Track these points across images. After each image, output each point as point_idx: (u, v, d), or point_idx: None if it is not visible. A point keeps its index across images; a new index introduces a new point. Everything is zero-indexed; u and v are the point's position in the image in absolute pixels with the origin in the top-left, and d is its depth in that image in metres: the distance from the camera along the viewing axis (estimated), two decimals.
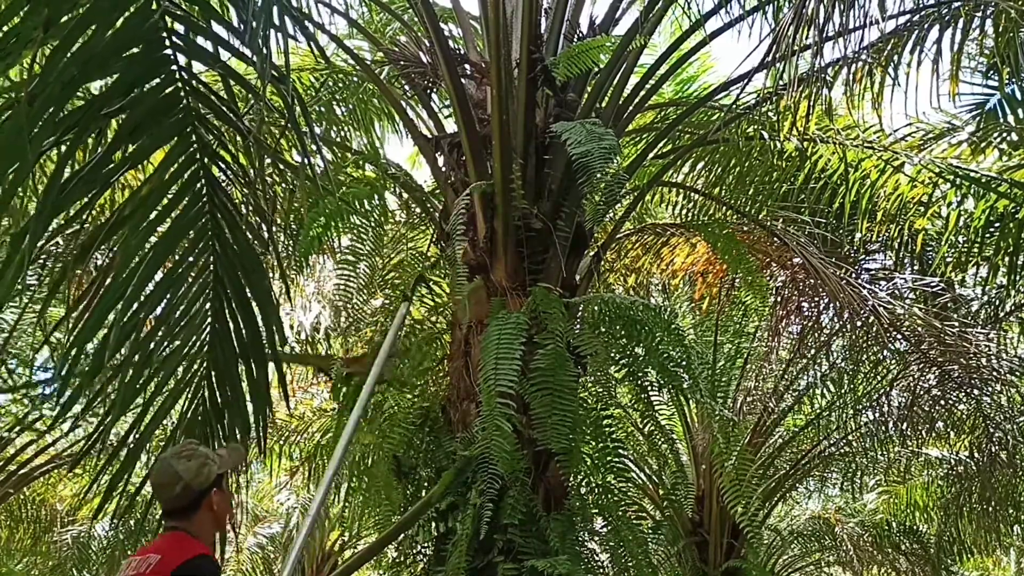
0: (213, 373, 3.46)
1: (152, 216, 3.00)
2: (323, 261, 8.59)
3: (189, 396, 3.53)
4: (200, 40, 2.79)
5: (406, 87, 5.88)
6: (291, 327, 8.82)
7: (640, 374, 4.49)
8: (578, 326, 4.51)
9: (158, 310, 3.18)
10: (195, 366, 3.46)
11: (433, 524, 4.33)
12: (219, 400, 3.52)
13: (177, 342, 3.32)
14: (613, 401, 4.45)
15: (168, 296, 3.18)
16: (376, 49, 6.35)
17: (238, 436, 3.60)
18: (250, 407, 3.58)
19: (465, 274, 4.39)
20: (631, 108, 5.28)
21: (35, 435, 8.34)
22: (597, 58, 4.73)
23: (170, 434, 3.74)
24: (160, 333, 3.22)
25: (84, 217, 2.97)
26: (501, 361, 3.90)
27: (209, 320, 3.33)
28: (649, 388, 4.53)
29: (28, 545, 10.71)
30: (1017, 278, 6.15)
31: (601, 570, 4.24)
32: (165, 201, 3.03)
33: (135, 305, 3.04)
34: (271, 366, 3.61)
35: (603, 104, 5.05)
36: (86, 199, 2.87)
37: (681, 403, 7.99)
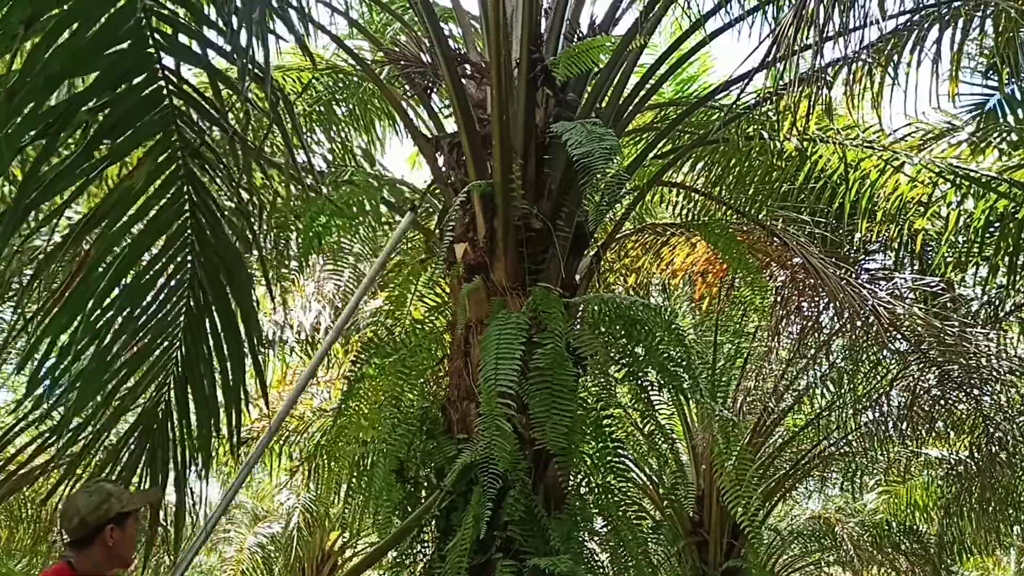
0: (183, 373, 3.42)
1: (131, 213, 2.98)
2: (323, 261, 8.59)
3: (153, 395, 3.49)
4: (184, 38, 2.78)
5: (406, 87, 5.88)
6: (291, 327, 8.81)
7: (640, 374, 4.49)
8: (578, 326, 4.51)
9: (127, 309, 3.15)
10: (161, 365, 3.41)
11: (434, 523, 4.33)
12: (189, 400, 3.47)
13: (142, 341, 3.28)
14: (613, 401, 4.45)
15: (139, 295, 3.14)
16: (376, 49, 6.35)
17: (210, 433, 3.55)
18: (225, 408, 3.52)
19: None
20: (631, 108, 5.28)
21: (35, 434, 8.31)
22: (597, 58, 4.74)
23: (122, 438, 3.68)
24: (127, 332, 3.17)
25: (62, 212, 2.96)
26: (501, 361, 3.90)
27: (182, 319, 3.30)
28: (649, 388, 4.53)
29: (28, 545, 10.70)
30: (1017, 278, 6.15)
31: (601, 570, 4.24)
32: (143, 199, 3.01)
33: (106, 302, 3.02)
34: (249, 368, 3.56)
35: (603, 104, 5.05)
36: (66, 195, 2.86)
37: (681, 403, 7.99)
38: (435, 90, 5.49)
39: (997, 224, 5.99)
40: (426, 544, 4.40)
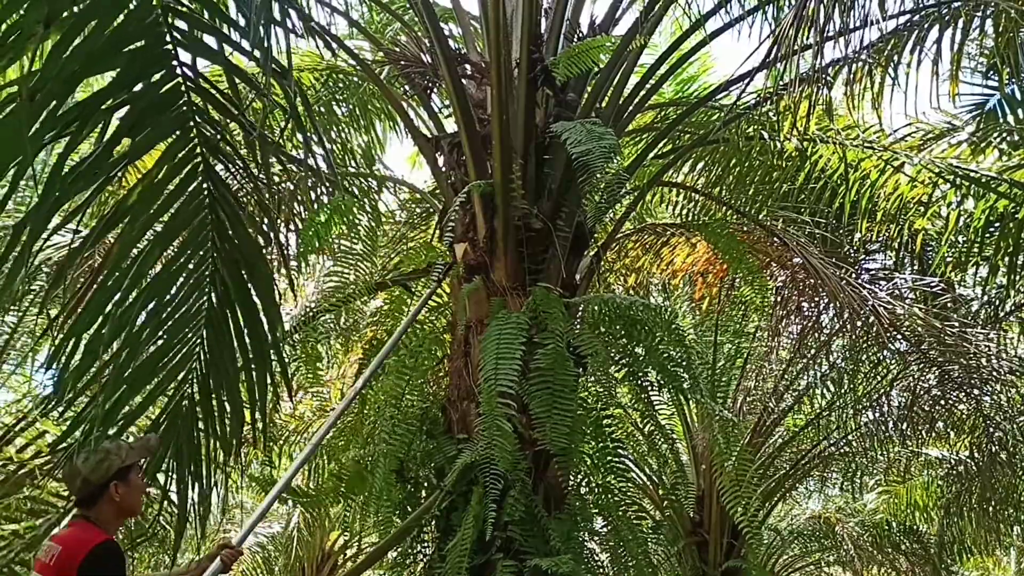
0: (206, 369, 3.42)
1: (151, 210, 2.99)
2: (323, 261, 8.58)
3: (175, 391, 3.48)
4: (202, 36, 2.78)
5: (406, 87, 5.88)
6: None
7: (640, 374, 4.50)
8: (578, 326, 4.51)
9: (152, 304, 3.15)
10: (186, 361, 3.41)
11: (434, 523, 4.33)
12: (211, 396, 3.47)
13: (167, 336, 3.27)
14: (613, 401, 4.45)
15: (161, 290, 3.15)
16: (377, 49, 6.35)
17: (235, 430, 3.55)
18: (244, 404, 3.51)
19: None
20: (631, 108, 5.28)
21: (36, 434, 8.31)
22: (597, 58, 4.74)
23: (153, 428, 3.66)
24: (150, 328, 3.17)
25: (84, 212, 2.96)
26: (501, 361, 3.90)
27: (204, 314, 3.30)
28: (649, 388, 4.53)
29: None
30: (1017, 278, 6.15)
31: (601, 570, 4.24)
32: (164, 196, 3.02)
33: (130, 299, 3.02)
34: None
35: (603, 104, 5.05)
36: (87, 194, 2.86)
37: (681, 403, 7.99)
38: (435, 90, 5.50)
39: (997, 224, 5.99)
40: (426, 544, 4.40)
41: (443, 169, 5.05)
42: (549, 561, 3.81)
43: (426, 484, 4.42)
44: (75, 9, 2.47)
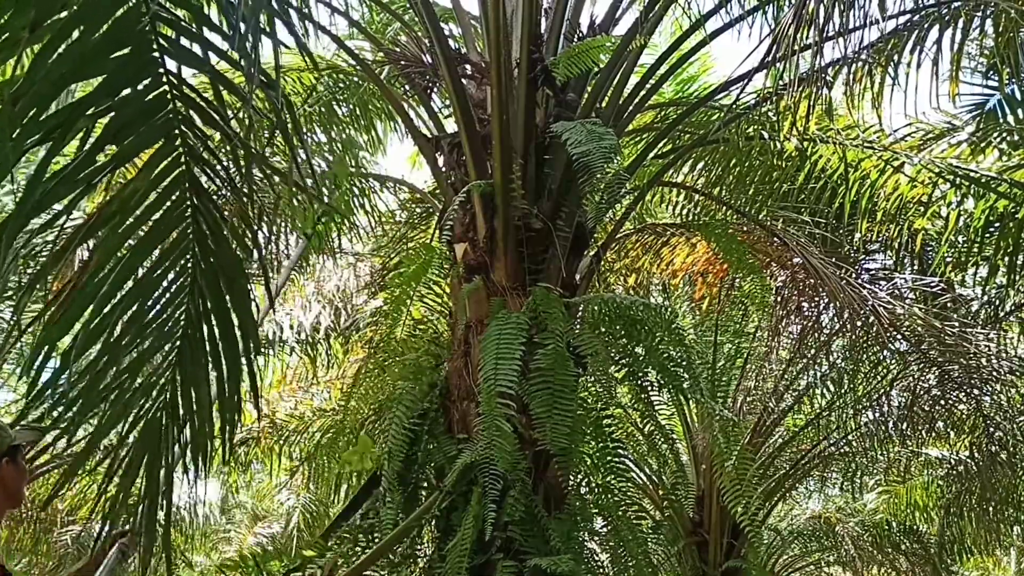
0: (180, 379, 3.38)
1: (133, 218, 2.97)
2: (322, 261, 8.59)
3: (150, 400, 3.45)
4: (189, 44, 2.77)
5: (406, 87, 5.89)
6: (291, 327, 8.82)
7: (640, 374, 4.50)
8: (578, 326, 4.51)
9: (129, 312, 3.13)
10: (161, 371, 3.38)
11: (434, 523, 4.33)
12: (181, 406, 3.44)
13: (145, 344, 3.25)
14: (613, 401, 4.45)
15: (140, 299, 3.12)
16: (377, 49, 6.36)
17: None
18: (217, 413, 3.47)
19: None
20: (631, 108, 5.28)
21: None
22: (597, 58, 4.74)
23: (120, 440, 3.63)
24: (128, 336, 3.15)
25: (65, 218, 2.95)
26: (501, 361, 3.90)
27: (182, 324, 3.27)
28: (649, 388, 4.53)
29: (28, 545, 10.72)
30: (1017, 278, 6.15)
31: (601, 570, 4.24)
32: (145, 204, 3.00)
33: (107, 307, 2.99)
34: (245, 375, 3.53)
35: (603, 104, 5.06)
36: (68, 200, 2.85)
37: (681, 403, 7.99)
38: (435, 90, 5.50)
39: (997, 224, 5.99)
40: (426, 544, 4.40)
41: (443, 169, 5.05)
42: (549, 561, 3.81)
43: (426, 484, 4.42)
44: (61, 15, 2.47)
